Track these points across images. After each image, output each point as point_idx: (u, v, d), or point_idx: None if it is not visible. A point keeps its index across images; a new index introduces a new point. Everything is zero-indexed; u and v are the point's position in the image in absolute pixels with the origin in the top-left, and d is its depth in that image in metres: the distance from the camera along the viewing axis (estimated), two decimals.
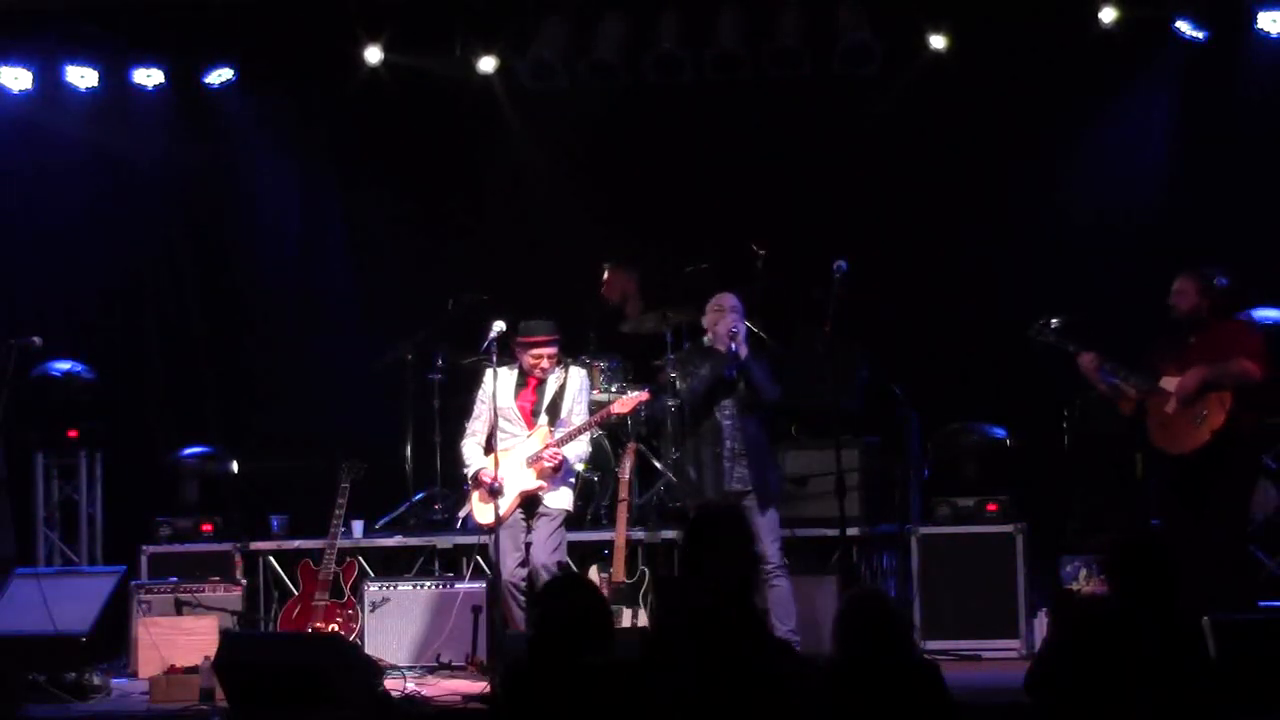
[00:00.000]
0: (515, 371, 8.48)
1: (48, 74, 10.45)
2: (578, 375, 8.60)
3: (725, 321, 8.23)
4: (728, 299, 8.38)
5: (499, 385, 8.33)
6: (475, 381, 8.78)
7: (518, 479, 8.32)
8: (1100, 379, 8.17)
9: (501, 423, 8.34)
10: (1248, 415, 8.00)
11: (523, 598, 8.30)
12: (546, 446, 8.30)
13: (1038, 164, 10.26)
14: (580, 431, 8.39)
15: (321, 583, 8.98)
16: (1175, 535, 7.79)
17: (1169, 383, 7.99)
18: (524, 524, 8.38)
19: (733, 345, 8.16)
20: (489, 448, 8.38)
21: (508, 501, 8.24)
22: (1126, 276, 9.56)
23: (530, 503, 8.39)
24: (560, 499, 8.43)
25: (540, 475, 8.34)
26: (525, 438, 8.40)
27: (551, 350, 8.42)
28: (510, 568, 8.26)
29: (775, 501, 8.31)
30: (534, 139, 10.75)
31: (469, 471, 8.51)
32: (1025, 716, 5.95)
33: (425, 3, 10.35)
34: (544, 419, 8.42)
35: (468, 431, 8.58)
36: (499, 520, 8.09)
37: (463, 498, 9.05)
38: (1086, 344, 8.20)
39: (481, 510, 8.41)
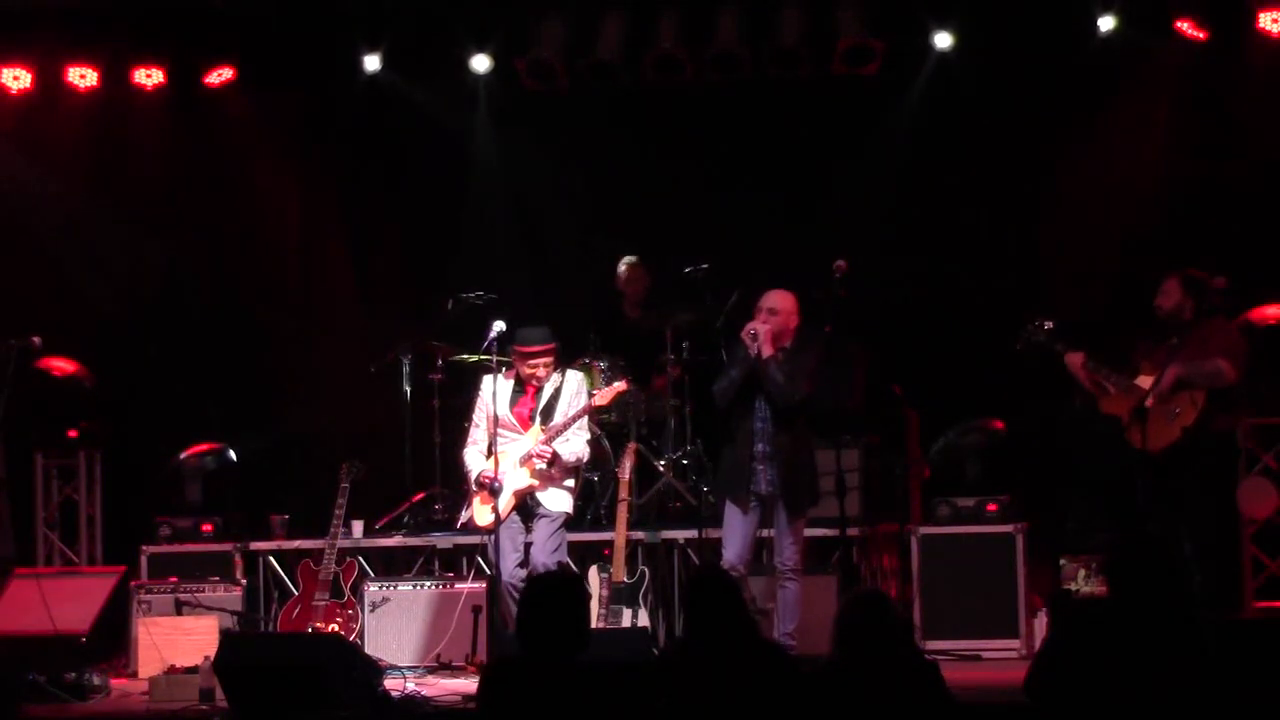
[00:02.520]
0: (512, 380, 8.47)
1: (48, 74, 10.45)
2: (574, 378, 8.59)
3: (750, 323, 8.19)
4: (764, 298, 8.23)
5: (495, 395, 8.35)
6: (475, 381, 8.76)
7: (513, 478, 8.32)
8: (1086, 378, 8.24)
9: (499, 430, 8.33)
10: (1222, 415, 8.05)
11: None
12: (537, 444, 8.31)
13: (1038, 163, 10.26)
14: (566, 426, 8.34)
15: (321, 583, 8.98)
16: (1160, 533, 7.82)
17: (1145, 381, 8.05)
18: (522, 525, 8.38)
19: (754, 347, 8.12)
20: (489, 454, 8.37)
21: (504, 501, 8.24)
22: (1127, 277, 9.56)
23: (527, 504, 8.38)
24: (559, 501, 8.42)
25: (533, 474, 8.33)
26: (521, 439, 8.39)
27: (548, 359, 8.41)
28: (509, 568, 8.25)
29: (803, 510, 8.19)
30: (534, 139, 10.74)
31: (471, 475, 8.50)
32: (1025, 716, 5.95)
33: (424, 4, 10.34)
34: (538, 421, 8.40)
35: (469, 440, 8.58)
36: (498, 520, 8.10)
37: (463, 500, 9.03)
38: (1076, 345, 8.26)
39: (481, 512, 8.41)
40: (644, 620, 8.66)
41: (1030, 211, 10.32)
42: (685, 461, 9.80)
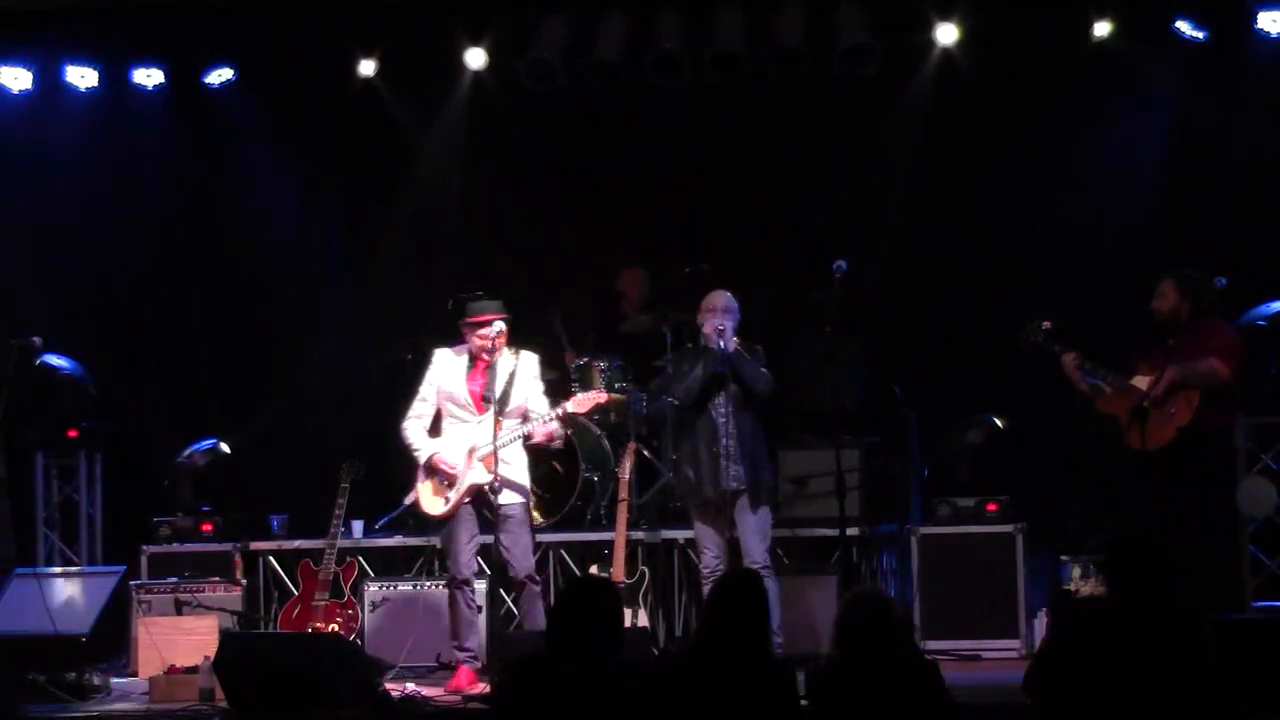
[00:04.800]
0: (464, 355, 8.28)
1: (48, 74, 10.45)
2: (530, 360, 8.30)
3: (710, 321, 8.22)
4: (716, 298, 8.35)
5: (447, 369, 8.22)
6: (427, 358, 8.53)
7: (468, 472, 8.10)
8: (1080, 378, 8.25)
9: (450, 406, 8.19)
10: (1217, 415, 8.05)
11: (473, 595, 8.23)
12: (541, 426, 8.10)
13: (1038, 164, 10.26)
14: (528, 434, 8.15)
15: (321, 583, 8.98)
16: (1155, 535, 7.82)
17: (1142, 382, 8.06)
18: (475, 516, 8.17)
19: (720, 343, 8.15)
20: (434, 431, 8.25)
21: (456, 494, 8.11)
22: (1126, 277, 9.56)
23: (483, 497, 8.10)
24: (521, 494, 8.16)
25: (489, 469, 8.02)
26: (476, 423, 8.17)
27: (500, 329, 8.15)
28: (465, 561, 8.15)
29: (767, 501, 8.29)
30: (533, 139, 10.74)
31: (420, 457, 8.24)
32: (1025, 716, 5.95)
33: (422, 5, 10.34)
34: (493, 407, 8.11)
35: (410, 414, 8.31)
36: (455, 508, 8.03)
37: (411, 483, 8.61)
38: (1072, 345, 8.28)
39: (433, 502, 8.22)
40: (644, 620, 8.67)
41: (1030, 211, 10.31)
42: None
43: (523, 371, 8.22)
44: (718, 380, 8.20)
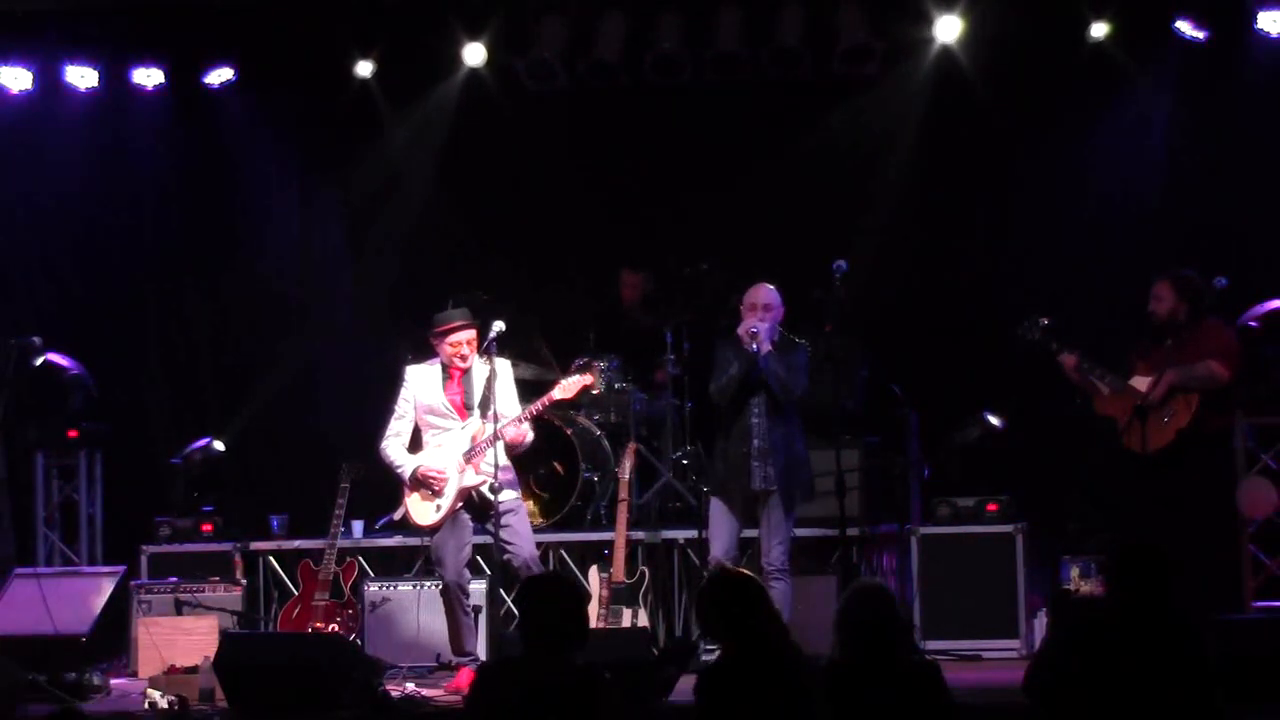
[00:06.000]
0: (437, 366, 8.26)
1: (48, 74, 10.45)
2: (505, 365, 8.23)
3: (746, 321, 8.14)
4: (757, 293, 8.22)
5: (423, 383, 8.21)
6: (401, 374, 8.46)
7: (459, 476, 8.09)
8: (1079, 379, 8.24)
9: (431, 419, 8.18)
10: (1216, 416, 8.06)
11: (468, 600, 8.22)
12: (513, 430, 8.01)
13: (1038, 163, 10.27)
14: (524, 418, 8.12)
15: (321, 583, 8.99)
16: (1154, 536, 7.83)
17: (1139, 383, 8.06)
18: (468, 521, 8.18)
19: (753, 345, 8.11)
20: (414, 448, 8.23)
21: (448, 500, 8.09)
22: (1126, 276, 9.56)
23: (474, 500, 8.11)
24: (514, 487, 8.16)
25: (479, 471, 8.05)
26: (460, 429, 8.15)
27: (470, 335, 8.13)
28: (458, 568, 8.13)
29: (796, 505, 8.23)
30: (533, 139, 10.74)
31: (404, 472, 8.20)
32: (1025, 716, 5.96)
33: (421, 6, 10.34)
34: (476, 411, 8.10)
35: (389, 433, 8.26)
36: (448, 514, 8.02)
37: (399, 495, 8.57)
38: (1071, 344, 8.29)
39: (422, 510, 8.18)
40: (644, 620, 8.67)
41: (1030, 210, 10.32)
42: (685, 461, 9.81)
43: (502, 377, 8.16)
44: (753, 381, 8.16)
